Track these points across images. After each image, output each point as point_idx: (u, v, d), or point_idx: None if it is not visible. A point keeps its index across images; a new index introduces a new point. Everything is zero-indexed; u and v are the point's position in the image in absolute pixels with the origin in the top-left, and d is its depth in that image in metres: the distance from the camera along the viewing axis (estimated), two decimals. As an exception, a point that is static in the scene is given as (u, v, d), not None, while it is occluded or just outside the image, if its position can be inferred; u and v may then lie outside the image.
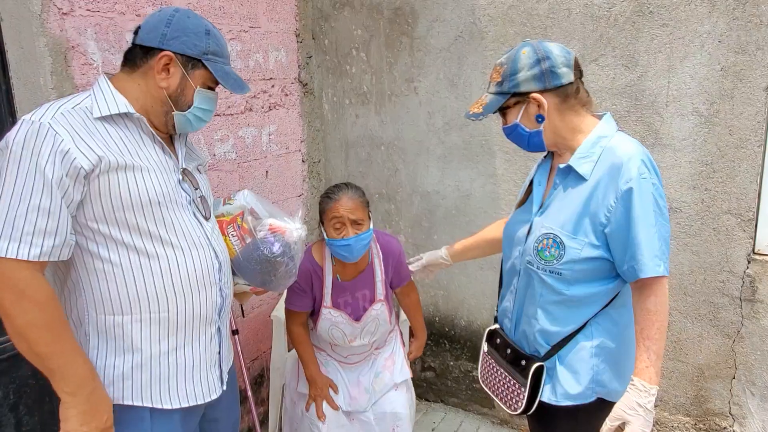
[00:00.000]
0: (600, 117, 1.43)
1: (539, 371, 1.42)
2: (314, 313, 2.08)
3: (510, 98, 1.38)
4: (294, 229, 1.53)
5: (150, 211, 1.26)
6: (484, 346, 1.63)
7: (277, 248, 1.49)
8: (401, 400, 2.11)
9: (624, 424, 1.28)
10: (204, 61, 1.31)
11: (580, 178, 1.36)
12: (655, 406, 2.36)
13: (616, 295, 1.40)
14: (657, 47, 2.06)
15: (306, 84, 2.81)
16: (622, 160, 1.30)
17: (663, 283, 1.29)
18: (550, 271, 1.38)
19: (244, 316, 2.46)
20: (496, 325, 1.62)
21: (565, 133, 1.40)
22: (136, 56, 1.30)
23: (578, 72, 1.39)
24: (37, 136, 1.13)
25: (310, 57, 2.82)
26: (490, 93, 1.42)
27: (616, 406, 1.30)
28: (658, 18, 2.04)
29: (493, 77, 1.42)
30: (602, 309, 1.40)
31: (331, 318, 2.02)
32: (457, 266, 2.68)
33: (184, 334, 1.34)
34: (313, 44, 2.84)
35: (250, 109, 2.47)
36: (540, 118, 1.38)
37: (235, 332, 2.29)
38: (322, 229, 1.96)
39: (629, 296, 1.40)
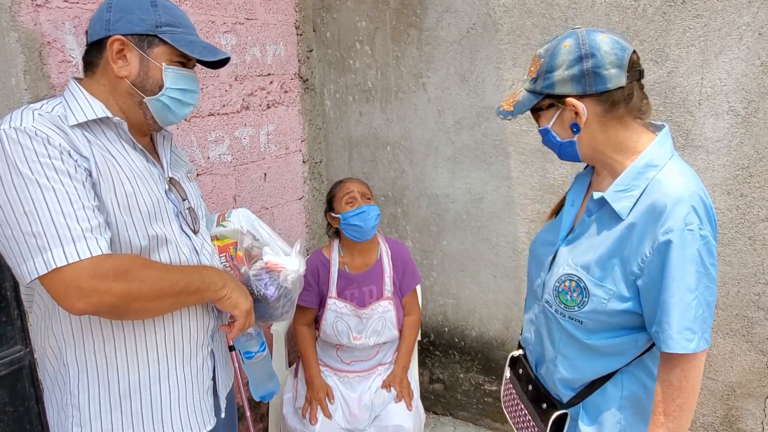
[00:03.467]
0: (655, 130, 1.18)
1: (561, 418, 1.24)
2: (321, 309, 2.08)
3: (543, 99, 1.16)
4: (291, 270, 1.40)
5: (141, 224, 1.14)
6: (507, 372, 1.47)
7: (272, 292, 1.37)
8: (404, 413, 1.98)
9: None
10: (159, 35, 1.16)
11: (616, 216, 1.13)
12: (681, 425, 2.23)
13: (653, 344, 1.16)
14: (690, 40, 1.89)
15: (306, 80, 2.63)
16: (666, 202, 1.06)
17: (695, 358, 1.07)
18: (569, 317, 1.19)
19: (241, 330, 2.31)
20: (520, 351, 1.44)
21: (606, 148, 1.16)
22: (92, 56, 1.19)
23: (636, 73, 1.13)
24: (32, 141, 1.01)
25: (310, 51, 2.65)
26: (525, 89, 1.20)
27: None
28: (691, 8, 1.87)
29: (530, 70, 1.19)
30: (635, 359, 1.19)
31: (336, 309, 2.03)
32: (468, 274, 2.54)
33: (175, 359, 1.23)
34: (314, 37, 2.66)
35: (247, 108, 2.30)
36: (575, 128, 1.14)
37: (231, 348, 2.14)
38: (332, 215, 2.04)
39: None
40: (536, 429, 1.29)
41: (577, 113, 1.13)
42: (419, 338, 2.29)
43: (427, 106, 2.46)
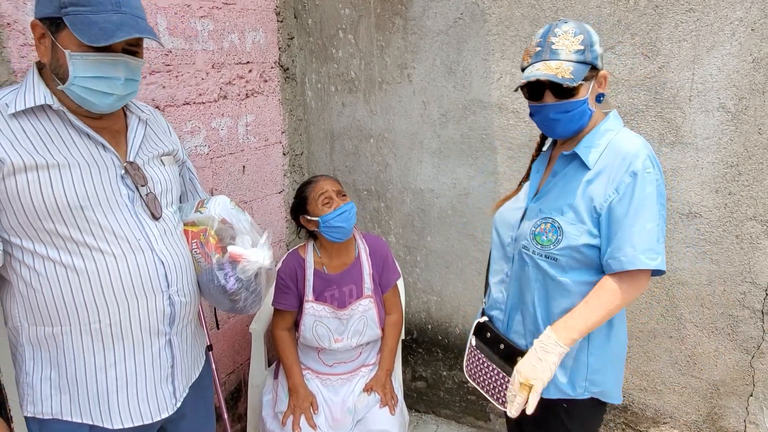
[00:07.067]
0: (605, 114, 1.43)
1: None
2: (299, 313, 1.99)
3: (589, 71, 1.30)
4: (252, 262, 1.32)
5: (70, 215, 1.12)
6: (472, 340, 1.54)
7: (231, 284, 1.31)
8: (388, 418, 1.92)
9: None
10: (63, 18, 1.08)
11: (583, 167, 1.35)
12: (664, 423, 2.22)
13: None
14: (681, 35, 1.85)
15: (287, 68, 2.54)
16: (628, 152, 1.30)
17: (646, 276, 1.30)
18: (545, 255, 1.35)
19: (219, 329, 2.23)
20: (485, 318, 1.53)
21: (593, 119, 1.39)
22: None
23: None
24: None
25: (291, 38, 2.55)
26: (568, 60, 1.28)
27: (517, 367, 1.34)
28: (684, 2, 1.83)
29: (567, 44, 1.29)
30: None
31: (314, 313, 1.94)
32: (453, 271, 2.49)
33: (123, 347, 1.22)
34: (296, 24, 2.56)
35: (225, 97, 2.20)
36: (601, 98, 1.36)
37: (209, 348, 2.06)
38: (308, 218, 1.93)
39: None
40: (509, 384, 1.38)
41: (601, 84, 1.35)
42: (402, 336, 2.24)
43: (412, 97, 2.38)
